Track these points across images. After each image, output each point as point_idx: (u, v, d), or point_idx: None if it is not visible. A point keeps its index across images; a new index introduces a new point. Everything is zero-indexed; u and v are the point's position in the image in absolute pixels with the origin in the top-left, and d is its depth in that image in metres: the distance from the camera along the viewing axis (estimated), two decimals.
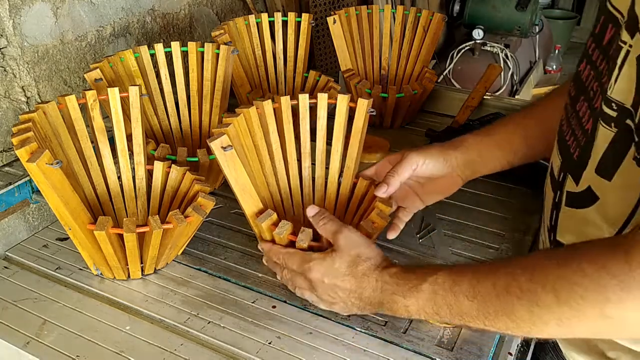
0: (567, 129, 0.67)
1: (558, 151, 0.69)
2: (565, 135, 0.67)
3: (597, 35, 0.62)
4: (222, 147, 0.69)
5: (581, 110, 0.64)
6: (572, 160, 0.64)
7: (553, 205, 0.69)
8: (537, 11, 2.68)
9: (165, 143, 0.95)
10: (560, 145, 0.69)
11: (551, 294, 0.52)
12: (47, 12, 1.00)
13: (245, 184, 0.73)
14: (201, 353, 0.69)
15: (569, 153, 0.65)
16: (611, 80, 0.56)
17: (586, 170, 0.61)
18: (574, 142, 0.64)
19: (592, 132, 0.60)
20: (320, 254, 0.70)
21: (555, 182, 0.69)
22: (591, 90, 0.62)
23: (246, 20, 1.20)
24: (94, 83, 0.89)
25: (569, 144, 0.66)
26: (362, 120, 0.85)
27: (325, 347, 0.70)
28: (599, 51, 0.61)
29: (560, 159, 0.68)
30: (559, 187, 0.67)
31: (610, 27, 0.59)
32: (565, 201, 0.66)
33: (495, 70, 1.30)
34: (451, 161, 0.81)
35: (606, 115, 0.57)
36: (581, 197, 0.62)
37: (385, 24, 1.31)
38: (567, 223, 0.66)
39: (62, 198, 0.69)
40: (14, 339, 0.71)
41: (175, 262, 0.85)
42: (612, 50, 0.57)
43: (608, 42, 0.59)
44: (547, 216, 0.71)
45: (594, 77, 0.61)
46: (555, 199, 0.69)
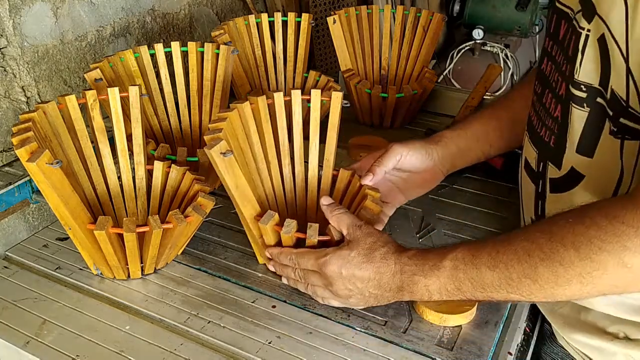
0: (537, 122, 0.71)
1: (532, 144, 0.72)
2: (536, 128, 0.71)
3: (552, 34, 0.67)
4: (221, 152, 0.69)
5: (547, 102, 0.68)
6: (549, 148, 0.67)
7: (536, 196, 0.71)
8: (537, 11, 2.68)
9: (165, 143, 0.95)
10: (533, 138, 0.72)
11: (572, 250, 0.53)
12: (47, 12, 1.00)
13: (244, 188, 0.73)
14: (201, 353, 0.69)
15: (543, 143, 0.69)
16: (576, 65, 0.60)
17: (566, 153, 0.65)
18: (547, 131, 0.68)
19: (562, 118, 0.64)
20: (334, 248, 0.70)
21: (533, 173, 0.72)
22: (553, 82, 0.66)
23: (246, 20, 1.20)
24: (94, 83, 0.89)
25: (542, 134, 0.69)
26: (337, 113, 0.86)
27: (325, 346, 0.70)
28: (557, 46, 0.66)
29: (535, 151, 0.71)
30: (541, 177, 0.70)
31: (563, 23, 0.64)
32: (550, 188, 0.68)
33: (495, 70, 1.30)
34: (433, 155, 0.84)
35: (576, 97, 0.61)
36: (565, 180, 0.66)
37: (385, 24, 1.31)
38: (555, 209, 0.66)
39: (62, 198, 0.69)
40: (13, 339, 0.71)
41: (175, 262, 0.85)
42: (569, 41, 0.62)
43: (564, 36, 0.64)
44: (531, 209, 0.73)
45: (555, 69, 0.66)
46: (538, 190, 0.71)
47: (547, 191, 0.69)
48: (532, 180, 0.73)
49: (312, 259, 0.71)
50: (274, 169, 0.87)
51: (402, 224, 0.93)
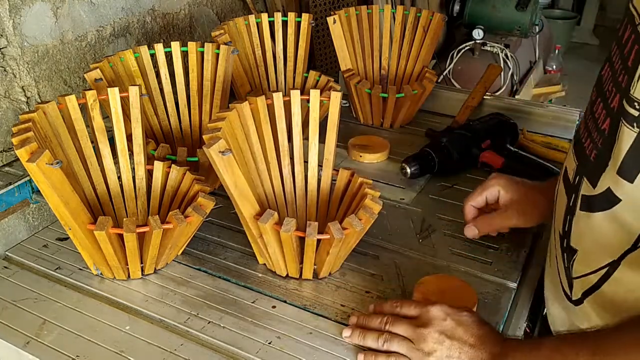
0: (584, 132, 0.66)
1: (574, 154, 0.67)
2: (582, 137, 0.66)
3: (619, 36, 0.61)
4: (220, 151, 0.69)
5: (597, 111, 0.63)
6: (589, 163, 0.63)
7: (567, 210, 0.67)
8: (537, 11, 2.68)
9: (165, 143, 0.95)
10: (577, 148, 0.67)
11: None
12: (47, 12, 1.00)
13: (243, 188, 0.73)
14: (201, 353, 0.69)
15: (584, 155, 0.64)
16: (634, 79, 0.54)
17: (606, 172, 0.59)
18: (591, 144, 0.63)
19: (609, 133, 0.59)
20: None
21: (569, 186, 0.67)
22: (607, 91, 0.61)
23: (246, 20, 1.20)
24: (94, 83, 0.89)
25: (585, 145, 0.64)
26: (336, 112, 0.86)
27: (325, 347, 0.70)
28: (618, 51, 0.60)
29: (575, 162, 0.66)
30: (574, 191, 0.65)
31: (628, 27, 0.58)
32: (581, 205, 0.64)
33: (495, 70, 1.30)
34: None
35: (629, 114, 0.55)
36: (598, 200, 0.61)
37: (385, 24, 1.31)
38: (582, 228, 0.64)
39: (62, 198, 0.69)
40: (13, 339, 0.71)
41: (175, 262, 0.85)
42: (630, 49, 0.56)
43: (625, 42, 0.58)
44: (559, 222, 0.69)
45: (611, 77, 0.61)
46: (569, 203, 0.67)
47: (577, 207, 0.64)
48: (566, 192, 0.68)
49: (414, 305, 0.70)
50: (273, 169, 0.87)
51: (402, 224, 0.93)
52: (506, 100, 1.35)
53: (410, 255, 0.87)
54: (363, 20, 1.27)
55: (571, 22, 4.12)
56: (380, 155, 1.12)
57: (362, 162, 1.12)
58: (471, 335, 0.65)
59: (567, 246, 0.67)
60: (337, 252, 0.76)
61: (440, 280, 0.76)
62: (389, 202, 0.99)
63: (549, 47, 3.21)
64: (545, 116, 1.23)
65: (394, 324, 0.69)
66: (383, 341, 0.68)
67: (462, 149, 1.06)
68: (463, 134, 1.08)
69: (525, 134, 1.16)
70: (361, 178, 0.83)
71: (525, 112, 1.24)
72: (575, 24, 4.31)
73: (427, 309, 0.68)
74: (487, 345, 0.65)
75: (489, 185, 0.86)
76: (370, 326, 0.71)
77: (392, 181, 1.06)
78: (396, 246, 0.88)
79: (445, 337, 0.65)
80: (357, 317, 0.73)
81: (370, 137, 1.17)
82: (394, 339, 0.67)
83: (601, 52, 4.64)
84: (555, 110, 1.24)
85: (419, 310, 0.69)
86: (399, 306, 0.71)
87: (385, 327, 0.69)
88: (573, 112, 1.21)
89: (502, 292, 0.80)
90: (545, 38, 3.13)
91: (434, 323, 0.66)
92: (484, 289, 0.80)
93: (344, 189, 0.86)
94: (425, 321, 0.67)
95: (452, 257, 0.86)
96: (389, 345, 0.68)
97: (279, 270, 0.81)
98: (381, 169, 1.11)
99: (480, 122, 1.11)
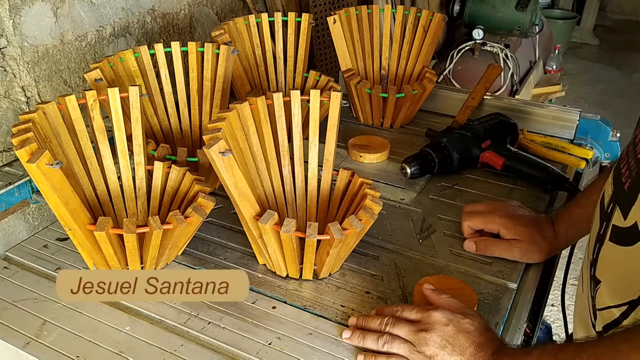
0: (624, 157, 0.63)
1: (612, 180, 0.65)
2: (620, 163, 0.63)
3: None
4: (220, 152, 0.69)
5: (638, 137, 0.60)
6: (623, 191, 0.60)
7: (597, 237, 0.65)
8: (537, 11, 2.68)
9: (165, 143, 0.95)
10: (615, 173, 0.64)
11: None
12: (47, 12, 1.00)
13: (243, 188, 0.73)
14: (201, 354, 0.69)
15: (620, 183, 0.61)
16: None
17: (636, 204, 0.56)
18: (627, 171, 0.60)
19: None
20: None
21: (604, 212, 0.65)
22: None
23: (246, 20, 1.20)
24: (94, 83, 0.89)
25: (622, 172, 0.61)
26: (336, 112, 0.86)
27: (325, 347, 0.70)
28: None
29: (612, 188, 0.64)
30: (606, 219, 0.63)
31: None
32: (610, 235, 0.61)
33: (496, 70, 1.30)
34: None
35: None
36: (627, 233, 0.58)
37: (385, 24, 1.31)
38: (608, 260, 0.62)
39: (62, 198, 0.69)
40: (13, 339, 0.71)
41: (175, 263, 0.84)
42: None
43: None
44: (590, 249, 0.68)
45: None
46: (600, 231, 0.64)
47: (607, 237, 0.62)
48: (600, 218, 0.66)
49: (415, 308, 0.69)
50: (273, 169, 0.87)
51: (403, 224, 0.93)
52: (506, 100, 1.35)
53: (410, 255, 0.87)
54: (363, 20, 1.27)
55: (571, 22, 4.12)
56: (380, 155, 1.12)
57: (362, 162, 1.12)
58: (472, 343, 0.65)
59: (593, 275, 0.65)
60: (337, 252, 0.76)
61: (440, 281, 0.76)
62: (389, 203, 0.99)
63: (549, 47, 3.21)
64: (545, 116, 1.23)
65: (394, 326, 0.68)
66: (383, 342, 0.68)
67: (462, 149, 1.06)
68: (463, 134, 1.08)
69: (525, 134, 1.16)
70: (361, 178, 0.83)
71: (525, 112, 1.24)
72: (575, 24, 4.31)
73: (429, 313, 0.67)
74: (487, 354, 0.64)
75: (489, 220, 0.87)
76: (370, 327, 0.71)
77: (392, 181, 1.06)
78: (396, 246, 0.88)
79: (447, 342, 0.65)
80: (356, 318, 0.73)
81: (370, 137, 1.17)
82: (395, 341, 0.67)
83: (601, 52, 4.64)
84: (555, 110, 1.24)
85: (420, 315, 0.68)
86: (399, 310, 0.71)
87: (385, 329, 0.69)
88: (573, 112, 1.21)
89: (502, 293, 0.80)
90: (545, 38, 3.13)
91: (436, 328, 0.66)
92: (484, 289, 0.80)
93: (344, 189, 0.86)
94: (427, 325, 0.66)
95: (452, 257, 0.86)
96: (389, 347, 0.67)
97: (279, 270, 0.81)
98: (381, 169, 1.11)
99: (480, 122, 1.11)
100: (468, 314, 0.68)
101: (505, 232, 0.85)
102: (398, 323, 0.69)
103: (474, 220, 0.88)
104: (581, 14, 4.60)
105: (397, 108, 1.21)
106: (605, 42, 4.79)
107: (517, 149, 1.10)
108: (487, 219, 0.87)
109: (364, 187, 0.81)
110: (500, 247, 0.85)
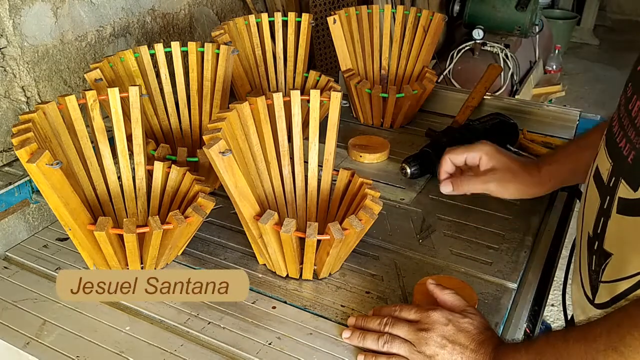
0: (617, 131, 0.63)
1: (607, 154, 0.64)
2: (615, 137, 0.63)
3: None
4: (220, 152, 0.69)
5: (634, 110, 0.60)
6: (626, 164, 0.60)
7: (600, 211, 0.65)
8: (537, 11, 2.68)
9: (165, 143, 0.95)
10: (610, 147, 0.64)
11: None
12: (47, 12, 1.00)
13: (243, 188, 0.73)
14: (201, 354, 0.69)
15: (621, 156, 0.61)
16: None
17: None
18: (627, 144, 0.60)
19: None
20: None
21: (603, 187, 0.65)
22: None
23: (246, 20, 1.20)
24: (94, 83, 0.89)
25: (621, 146, 0.61)
26: (336, 112, 0.86)
27: (325, 347, 0.70)
28: None
29: (610, 162, 0.63)
30: (609, 193, 0.63)
31: None
32: (617, 208, 0.61)
33: (495, 70, 1.30)
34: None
35: None
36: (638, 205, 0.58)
37: (385, 24, 1.31)
38: (618, 231, 0.62)
39: (62, 198, 0.69)
40: (14, 339, 0.71)
41: (175, 263, 0.84)
42: None
43: None
44: (590, 224, 0.67)
45: None
46: (603, 206, 0.64)
47: (613, 210, 0.62)
48: (599, 193, 0.66)
49: (414, 308, 0.69)
50: (273, 169, 0.87)
51: (403, 225, 0.93)
52: (506, 100, 1.35)
53: (410, 255, 0.87)
54: (363, 20, 1.27)
55: (571, 22, 4.12)
56: (380, 155, 1.12)
57: (362, 162, 1.12)
58: (472, 341, 0.65)
59: (598, 249, 0.65)
60: (337, 252, 0.76)
61: (440, 281, 0.76)
62: (389, 203, 0.99)
63: (549, 47, 3.21)
64: (545, 116, 1.23)
65: (394, 326, 0.69)
66: (383, 342, 0.68)
67: None
68: (463, 134, 1.08)
69: (525, 134, 1.16)
70: (361, 178, 0.83)
71: (525, 112, 1.24)
72: (575, 24, 4.31)
73: (428, 313, 0.68)
74: (487, 350, 0.64)
75: (472, 149, 0.85)
76: (369, 327, 0.71)
77: (392, 181, 1.06)
78: (396, 246, 0.88)
79: (447, 341, 0.65)
80: (356, 318, 0.73)
81: (370, 137, 1.17)
82: (395, 341, 0.67)
83: (601, 52, 4.64)
84: (555, 110, 1.24)
85: (420, 315, 0.68)
86: (398, 310, 0.71)
87: (384, 329, 0.69)
88: (573, 112, 1.21)
89: (502, 293, 0.80)
90: (545, 38, 3.13)
91: (436, 327, 0.66)
92: (484, 289, 0.80)
93: (344, 189, 0.86)
94: (427, 325, 0.67)
95: (452, 257, 0.86)
96: (389, 347, 0.67)
97: (279, 270, 0.81)
98: (381, 169, 1.11)
99: (480, 122, 1.11)
100: (468, 312, 0.68)
101: (485, 160, 0.84)
102: (397, 323, 0.69)
103: (457, 151, 0.86)
104: (581, 14, 4.60)
105: (397, 108, 1.21)
106: (605, 42, 4.79)
107: (517, 149, 1.10)
108: (468, 148, 0.86)
109: (364, 187, 0.81)
110: (475, 181, 0.84)
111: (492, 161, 0.84)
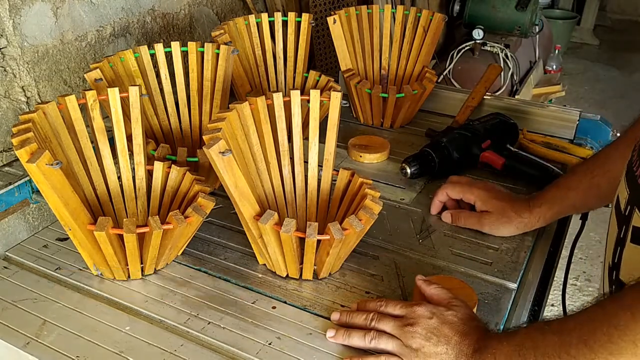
0: (636, 159, 0.63)
1: (625, 182, 0.64)
2: (633, 165, 0.63)
3: None
4: (220, 152, 0.69)
5: None
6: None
7: (617, 241, 0.65)
8: (537, 11, 2.68)
9: (165, 143, 0.95)
10: (628, 176, 0.64)
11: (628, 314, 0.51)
12: (47, 12, 1.00)
13: (243, 188, 0.73)
14: (201, 354, 0.69)
15: (636, 184, 0.61)
16: None
17: None
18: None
19: None
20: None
21: (620, 216, 0.65)
22: None
23: (246, 20, 1.20)
24: (94, 83, 0.89)
25: (637, 174, 0.61)
26: (336, 112, 0.86)
27: (325, 347, 0.70)
28: None
29: (627, 191, 0.63)
30: (625, 222, 0.63)
31: None
32: (631, 237, 0.61)
33: (496, 70, 1.30)
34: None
35: None
36: None
37: (385, 24, 1.31)
38: (632, 261, 0.62)
39: (62, 198, 0.69)
40: (14, 339, 0.71)
41: (175, 263, 0.84)
42: None
43: None
44: (609, 254, 0.67)
45: None
46: (619, 235, 0.64)
47: (628, 239, 0.61)
48: (617, 222, 0.66)
49: (400, 303, 0.70)
50: (273, 169, 0.87)
51: (402, 225, 0.93)
52: (506, 100, 1.35)
53: (410, 255, 0.87)
54: (363, 20, 1.27)
55: (571, 22, 4.13)
56: (380, 155, 1.12)
57: (362, 162, 1.12)
58: (456, 332, 0.66)
59: (616, 278, 0.65)
60: (337, 252, 0.76)
61: (440, 281, 0.76)
62: (389, 202, 0.99)
63: (549, 47, 3.21)
64: (545, 116, 1.23)
65: (380, 321, 0.69)
66: (370, 338, 0.68)
67: (462, 149, 1.06)
68: (463, 134, 1.08)
69: (525, 134, 1.16)
70: (361, 178, 0.83)
71: (525, 112, 1.24)
72: (575, 24, 4.32)
73: (413, 308, 0.68)
74: (472, 341, 0.65)
75: (469, 191, 0.91)
76: (355, 323, 0.71)
77: (392, 181, 1.06)
78: (396, 246, 0.88)
79: (432, 334, 0.66)
80: (340, 313, 0.73)
81: (370, 137, 1.17)
82: (382, 337, 0.68)
83: (601, 52, 4.65)
84: (555, 110, 1.24)
85: (405, 310, 0.69)
86: (383, 305, 0.71)
87: (371, 324, 0.69)
88: (573, 112, 1.21)
89: (502, 293, 0.80)
90: (545, 38, 3.13)
91: (420, 322, 0.67)
92: (484, 289, 0.80)
93: (344, 189, 0.86)
94: (412, 320, 0.67)
95: (452, 257, 0.86)
96: (376, 343, 0.68)
97: (279, 270, 0.81)
98: (381, 169, 1.11)
99: (480, 122, 1.11)
100: (453, 305, 0.69)
101: (480, 204, 0.90)
102: (383, 318, 0.69)
103: (454, 188, 0.93)
104: (581, 14, 4.61)
105: (397, 108, 1.21)
106: (605, 42, 4.80)
107: (517, 149, 1.10)
108: (465, 189, 0.92)
109: (364, 187, 0.81)
110: (472, 218, 0.91)
111: (485, 206, 0.90)
